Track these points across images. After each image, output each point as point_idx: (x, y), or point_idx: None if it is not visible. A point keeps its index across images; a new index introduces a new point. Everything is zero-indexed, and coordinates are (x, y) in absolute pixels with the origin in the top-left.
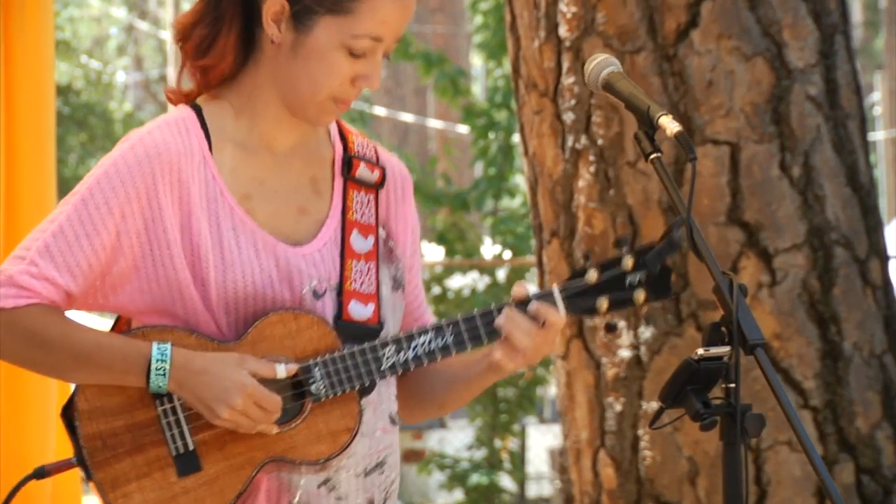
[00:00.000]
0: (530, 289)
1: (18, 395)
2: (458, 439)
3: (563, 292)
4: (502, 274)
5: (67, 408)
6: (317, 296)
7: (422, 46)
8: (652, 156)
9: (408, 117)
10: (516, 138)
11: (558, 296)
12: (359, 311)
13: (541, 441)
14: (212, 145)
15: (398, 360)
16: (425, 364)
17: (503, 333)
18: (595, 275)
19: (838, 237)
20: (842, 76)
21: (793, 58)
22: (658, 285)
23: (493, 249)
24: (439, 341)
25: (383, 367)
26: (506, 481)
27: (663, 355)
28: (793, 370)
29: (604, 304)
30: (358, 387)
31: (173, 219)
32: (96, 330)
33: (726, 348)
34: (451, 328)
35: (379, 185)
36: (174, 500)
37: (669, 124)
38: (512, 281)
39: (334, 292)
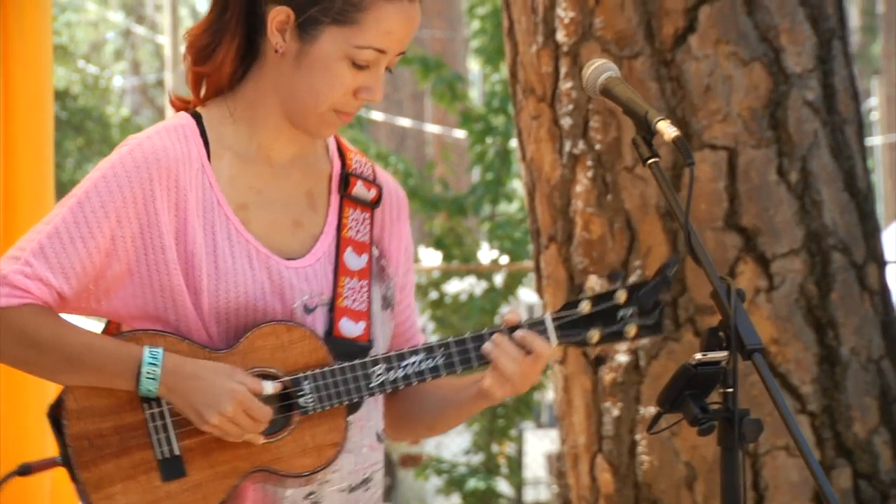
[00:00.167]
0: (524, 316)
1: (16, 395)
2: (455, 444)
3: (556, 321)
4: (500, 279)
5: (55, 407)
6: (307, 311)
7: (419, 51)
8: (650, 161)
9: (405, 122)
10: (514, 143)
11: (550, 324)
12: (349, 328)
13: (538, 446)
14: (210, 153)
15: (388, 378)
16: (414, 384)
17: (490, 359)
18: (588, 306)
19: (836, 242)
20: (839, 81)
21: (790, 63)
22: (650, 320)
23: (490, 254)
24: (429, 362)
25: (373, 385)
26: (503, 486)
27: (661, 360)
28: (790, 375)
29: (595, 335)
30: (346, 402)
31: (169, 225)
32: (88, 332)
33: (724, 353)
34: (441, 350)
35: (375, 203)
36: None
37: (667, 129)
38: (509, 286)
39: (326, 308)
